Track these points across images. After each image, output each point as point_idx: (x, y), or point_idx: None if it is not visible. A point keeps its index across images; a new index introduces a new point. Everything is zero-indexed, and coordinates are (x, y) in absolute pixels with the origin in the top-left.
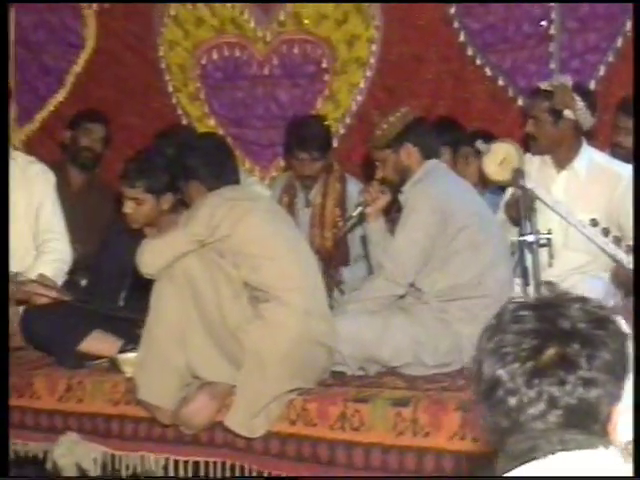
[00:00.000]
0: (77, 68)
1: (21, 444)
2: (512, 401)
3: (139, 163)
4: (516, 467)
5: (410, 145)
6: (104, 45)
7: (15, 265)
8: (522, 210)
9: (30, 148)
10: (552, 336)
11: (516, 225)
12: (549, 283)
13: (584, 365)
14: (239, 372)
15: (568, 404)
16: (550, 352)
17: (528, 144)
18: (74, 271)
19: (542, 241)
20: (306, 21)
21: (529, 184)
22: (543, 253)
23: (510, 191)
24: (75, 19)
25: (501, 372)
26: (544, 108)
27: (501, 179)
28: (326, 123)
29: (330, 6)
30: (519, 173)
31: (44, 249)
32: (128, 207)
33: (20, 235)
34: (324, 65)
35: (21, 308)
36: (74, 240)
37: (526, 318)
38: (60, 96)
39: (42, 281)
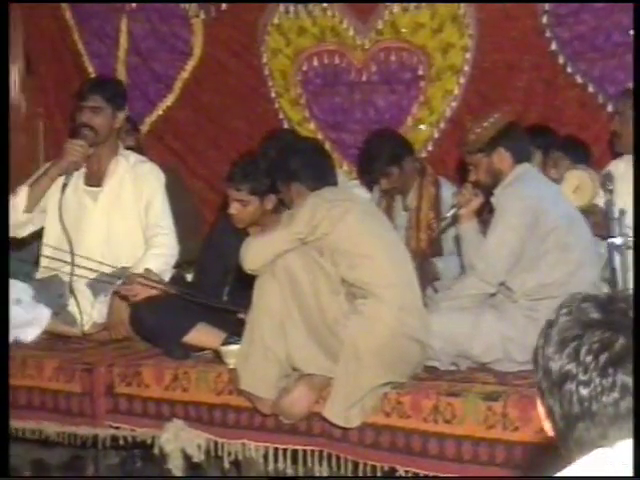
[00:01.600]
0: (185, 74)
1: (129, 430)
2: (584, 391)
3: (244, 167)
4: (584, 454)
5: (503, 149)
6: (211, 53)
7: (124, 259)
8: (611, 212)
9: (140, 150)
10: (623, 327)
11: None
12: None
13: None
14: (336, 365)
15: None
16: (622, 342)
17: (613, 143)
18: (180, 265)
19: (630, 243)
20: (403, 30)
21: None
22: (630, 255)
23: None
24: (184, 28)
25: (571, 365)
26: (629, 105)
27: (576, 205)
28: (392, 136)
29: (426, 15)
30: (608, 177)
31: (152, 243)
32: (233, 208)
33: (130, 231)
34: (420, 72)
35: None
36: None
37: (593, 311)
38: (169, 101)
39: (148, 276)
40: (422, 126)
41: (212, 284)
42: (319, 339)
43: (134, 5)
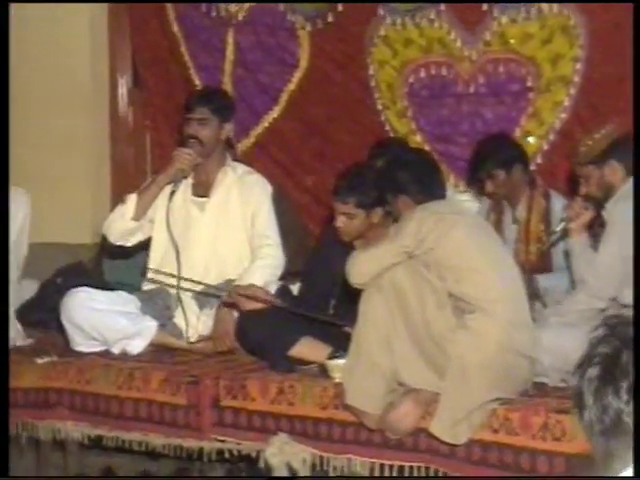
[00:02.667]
0: (291, 86)
1: (235, 443)
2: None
3: (350, 179)
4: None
5: (614, 162)
6: (317, 64)
7: (230, 271)
8: None
9: (246, 162)
10: None
11: None
12: None
13: None
14: (443, 380)
15: None
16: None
17: None
18: (285, 277)
19: None
20: (512, 41)
21: None
22: None
23: None
24: (290, 40)
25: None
26: None
27: None
28: (506, 140)
29: (535, 26)
30: None
31: (258, 254)
32: (340, 221)
33: (236, 242)
34: (529, 83)
35: (235, 313)
36: None
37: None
38: (275, 113)
39: (254, 289)
40: (530, 138)
41: (318, 297)
42: (425, 354)
43: (240, 17)
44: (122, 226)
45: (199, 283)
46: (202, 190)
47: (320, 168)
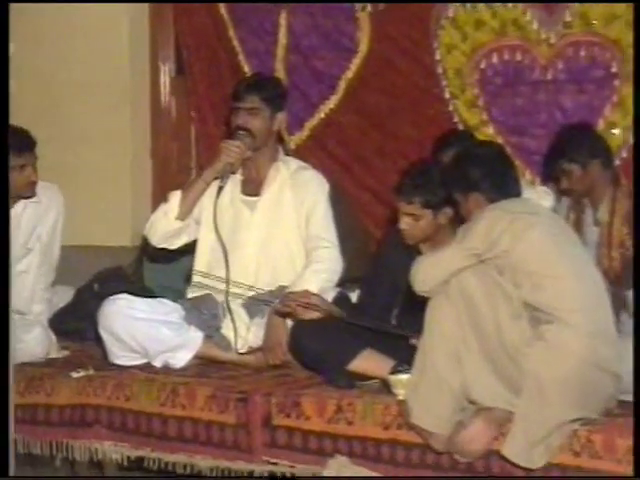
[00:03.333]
0: (349, 74)
1: (288, 465)
2: None
3: (415, 177)
4: None
5: None
6: (378, 49)
7: (282, 275)
8: None
9: (300, 157)
10: None
11: None
12: None
13: None
14: (518, 398)
15: None
16: None
17: None
18: (343, 283)
19: None
20: (594, 22)
21: None
22: None
23: None
24: (349, 23)
25: None
26: None
27: None
28: (584, 132)
29: (622, 5)
30: None
31: (313, 258)
32: (404, 223)
33: (289, 244)
34: (613, 69)
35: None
36: None
37: None
38: (331, 103)
39: (309, 297)
40: (615, 130)
41: (380, 306)
42: (499, 369)
43: None
44: (166, 227)
45: (250, 288)
46: (252, 188)
47: (381, 164)
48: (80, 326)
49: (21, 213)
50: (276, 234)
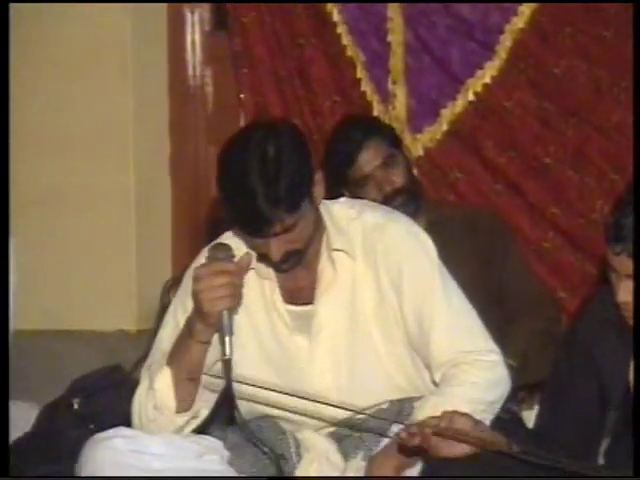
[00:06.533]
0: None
1: None
2: None
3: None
4: None
5: None
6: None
7: (379, 392)
8: None
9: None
10: None
11: None
12: None
13: None
14: None
15: None
16: None
17: None
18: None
19: None
20: None
21: None
22: None
23: None
24: None
25: None
26: None
27: None
28: None
29: None
30: None
31: (451, 360)
32: (627, 291)
33: (387, 357)
34: None
35: None
36: None
37: None
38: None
39: (457, 422)
40: None
41: (577, 430)
42: None
43: None
44: (166, 426)
45: (344, 409)
46: (298, 293)
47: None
48: (50, 472)
49: None
50: (359, 349)
